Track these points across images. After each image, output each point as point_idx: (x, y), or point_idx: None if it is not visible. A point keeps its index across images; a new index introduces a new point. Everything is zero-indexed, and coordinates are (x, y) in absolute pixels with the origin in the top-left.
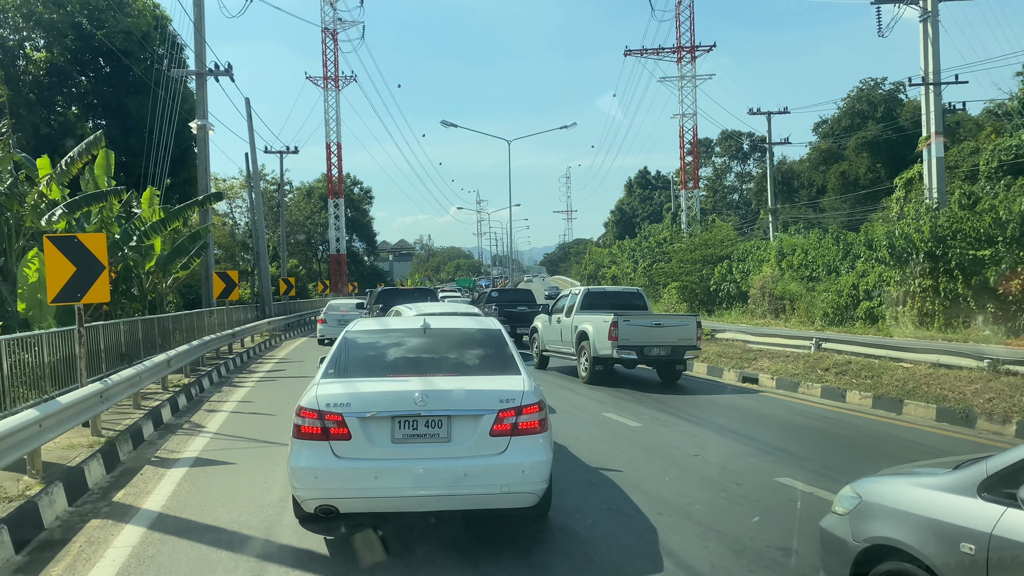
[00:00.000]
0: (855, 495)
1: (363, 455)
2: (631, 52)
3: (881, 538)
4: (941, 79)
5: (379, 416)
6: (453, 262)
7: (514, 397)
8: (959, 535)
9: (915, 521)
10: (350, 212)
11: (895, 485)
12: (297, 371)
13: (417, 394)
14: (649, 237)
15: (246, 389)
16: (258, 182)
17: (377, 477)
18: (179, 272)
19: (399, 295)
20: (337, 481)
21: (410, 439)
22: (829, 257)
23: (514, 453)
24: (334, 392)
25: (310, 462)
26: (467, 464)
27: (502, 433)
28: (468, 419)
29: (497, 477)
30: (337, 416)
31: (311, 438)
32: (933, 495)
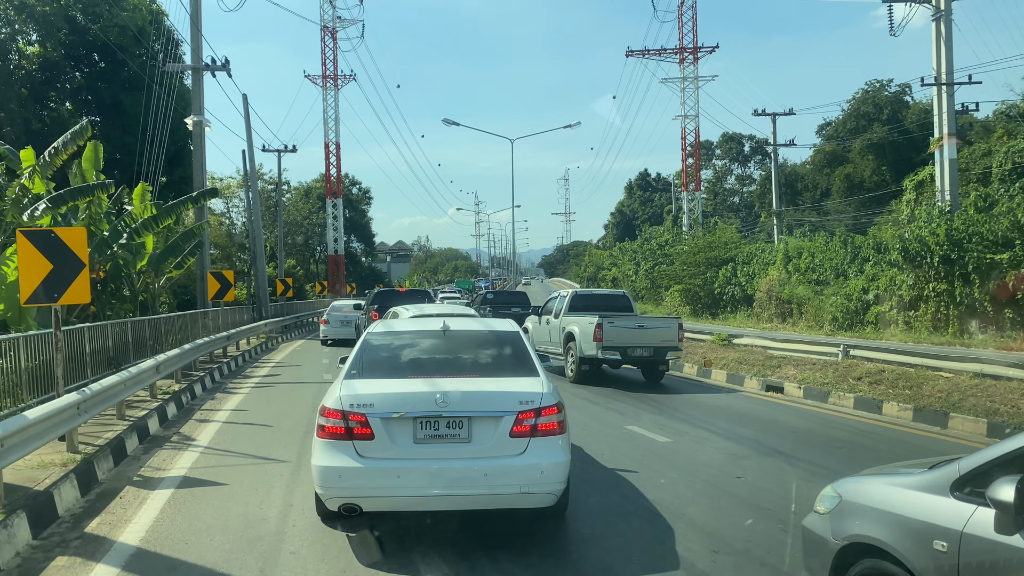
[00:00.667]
0: (836, 495)
1: (386, 455)
2: (633, 53)
3: (859, 536)
4: (954, 79)
5: (402, 417)
6: (451, 263)
7: (533, 399)
8: (932, 533)
9: (891, 520)
10: (348, 212)
11: (873, 484)
12: (295, 376)
13: (438, 395)
14: (651, 239)
15: (241, 396)
16: (255, 180)
17: (400, 476)
18: (172, 272)
19: (396, 296)
20: (361, 480)
21: (432, 439)
22: (837, 260)
23: (533, 454)
24: (358, 393)
25: (334, 461)
26: (487, 464)
27: (521, 434)
28: (488, 420)
29: (516, 477)
30: (361, 416)
31: (335, 438)
32: (909, 494)
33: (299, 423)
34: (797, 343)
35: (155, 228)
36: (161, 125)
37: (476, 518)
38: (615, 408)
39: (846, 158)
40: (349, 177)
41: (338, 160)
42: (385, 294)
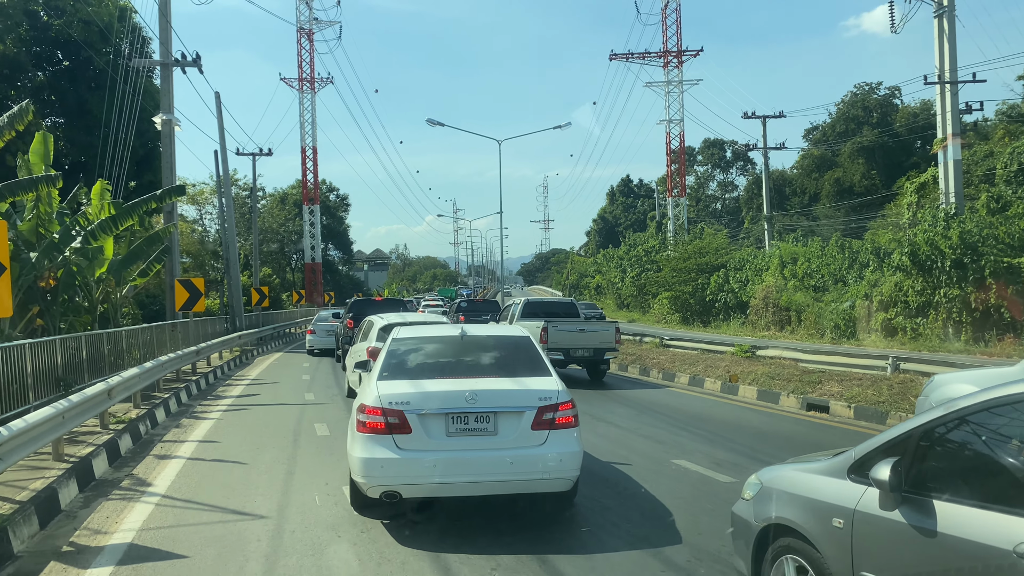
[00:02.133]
0: (758, 482)
1: (423, 447)
2: (617, 56)
3: (775, 518)
4: (958, 77)
5: (435, 413)
6: (429, 272)
7: (551, 396)
8: (832, 512)
9: (800, 502)
10: (326, 219)
11: (787, 471)
12: (272, 396)
13: (468, 393)
14: (637, 246)
15: (210, 422)
16: (228, 181)
17: (435, 466)
18: (136, 280)
19: (372, 306)
20: (401, 470)
21: (462, 432)
22: (835, 266)
23: (552, 444)
24: (394, 392)
25: (376, 453)
26: (512, 454)
27: (541, 427)
28: (512, 415)
29: (538, 465)
30: (399, 413)
31: (375, 432)
32: (814, 478)
33: (279, 458)
34: (834, 355)
35: (114, 230)
36: (128, 125)
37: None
38: (624, 426)
39: (835, 162)
40: (326, 183)
41: (315, 165)
42: (362, 303)
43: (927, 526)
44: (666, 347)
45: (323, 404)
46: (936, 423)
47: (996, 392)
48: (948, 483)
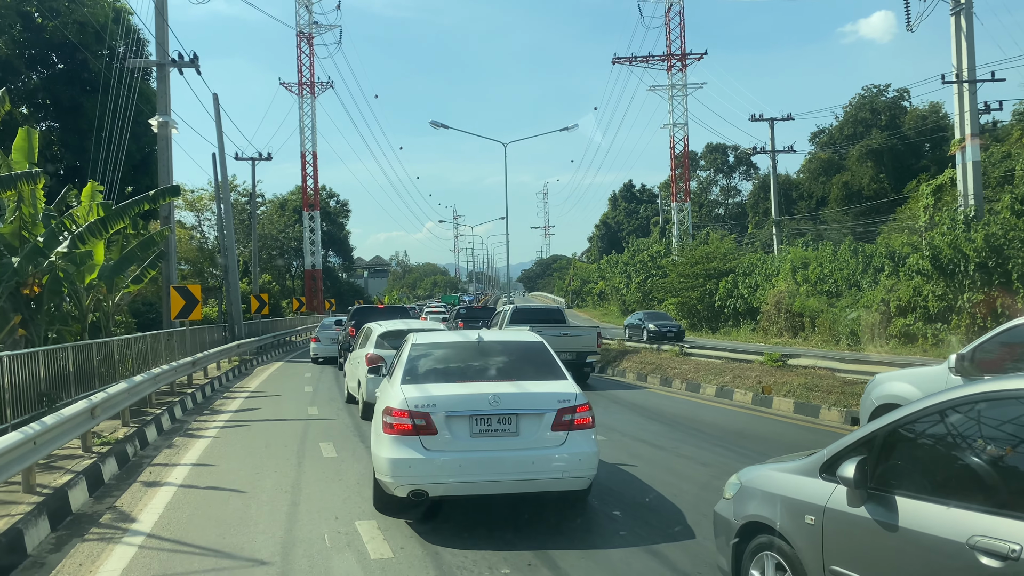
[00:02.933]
0: (738, 482)
1: (449, 448)
2: (620, 60)
3: (752, 516)
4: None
5: (460, 414)
6: (430, 278)
7: (569, 398)
8: (804, 509)
9: (775, 500)
10: (326, 226)
11: (764, 471)
12: (274, 410)
13: (491, 396)
14: (642, 251)
15: (206, 441)
16: (227, 185)
17: (461, 465)
18: (130, 287)
19: (374, 313)
20: (429, 470)
21: (485, 434)
22: (848, 271)
23: (571, 445)
24: (420, 395)
25: (403, 454)
26: (534, 454)
27: (561, 428)
28: (533, 416)
29: (559, 465)
30: (425, 415)
31: (403, 433)
32: (789, 477)
33: (282, 485)
34: (871, 364)
35: (104, 233)
36: (123, 128)
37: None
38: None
39: (842, 166)
40: (326, 189)
41: (315, 171)
42: (364, 311)
43: (889, 521)
44: (687, 355)
45: (328, 419)
46: (899, 423)
47: (954, 393)
48: (909, 480)
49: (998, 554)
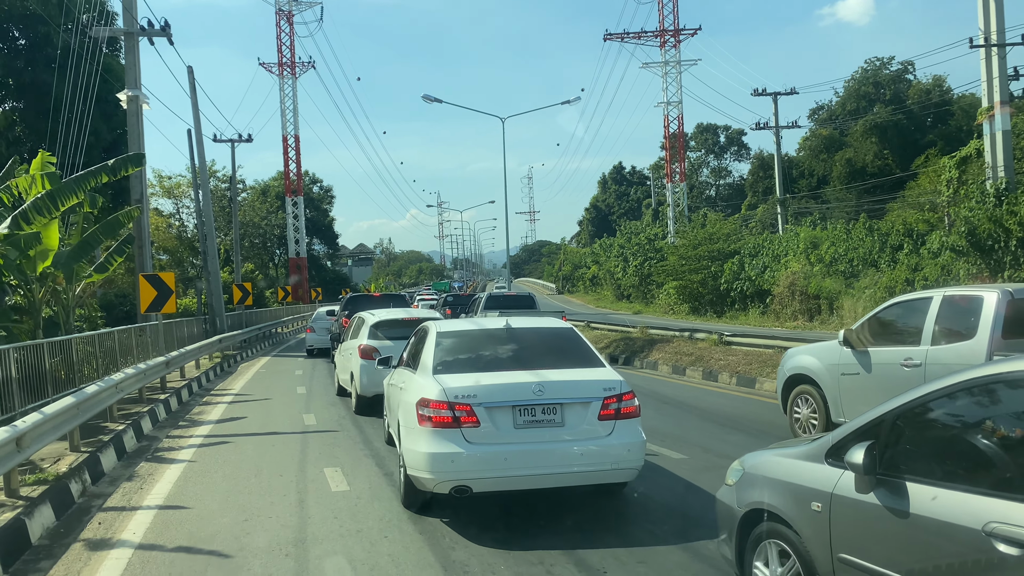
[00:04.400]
0: (740, 468)
1: (492, 440)
2: (611, 36)
3: (756, 503)
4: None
5: (503, 405)
6: (415, 266)
7: (615, 386)
8: (810, 496)
9: (780, 486)
10: (309, 212)
11: (768, 456)
12: (263, 419)
13: (534, 385)
14: (638, 234)
15: (179, 468)
16: (204, 164)
17: (507, 459)
18: (93, 276)
19: (369, 302)
20: (472, 464)
21: (529, 425)
22: (864, 250)
23: (619, 435)
24: (459, 385)
25: (444, 448)
26: (581, 446)
27: (608, 417)
28: (578, 406)
29: (607, 456)
30: (466, 406)
31: (442, 426)
32: (794, 463)
33: (282, 541)
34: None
35: (53, 211)
36: (88, 105)
37: None
38: None
39: (844, 142)
40: (309, 175)
41: (298, 155)
42: (357, 299)
43: (900, 507)
44: (727, 344)
45: (330, 432)
46: (909, 406)
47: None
48: (921, 465)
49: (1016, 541)
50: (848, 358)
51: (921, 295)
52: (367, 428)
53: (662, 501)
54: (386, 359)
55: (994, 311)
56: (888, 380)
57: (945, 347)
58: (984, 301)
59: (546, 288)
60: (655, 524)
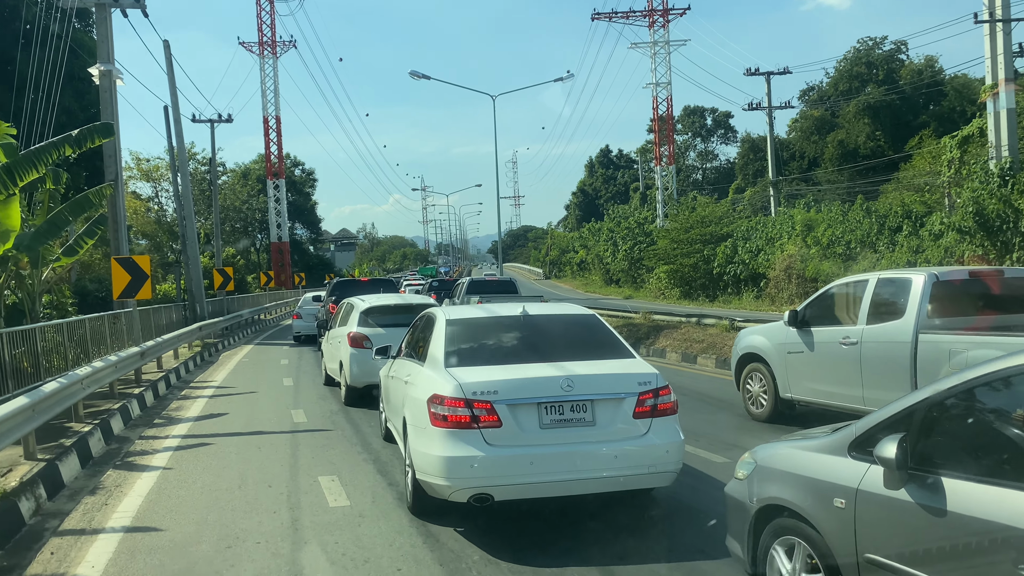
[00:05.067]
0: (752, 461)
1: (516, 442)
2: (599, 16)
3: (772, 498)
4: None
5: (527, 402)
6: (399, 251)
7: (651, 380)
8: (833, 491)
9: (798, 481)
10: (291, 196)
11: (783, 449)
12: (247, 416)
13: (562, 379)
14: (627, 218)
15: (151, 477)
16: (182, 141)
17: (532, 463)
18: (62, 260)
19: (357, 287)
20: (494, 469)
21: (557, 424)
22: (861, 232)
23: (656, 434)
24: (477, 380)
25: (462, 451)
26: (615, 447)
27: (643, 415)
28: (611, 402)
29: (644, 458)
30: (486, 404)
31: (460, 427)
32: (812, 456)
33: (273, 574)
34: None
35: (10, 186)
36: (58, 79)
37: None
38: None
39: (835, 123)
40: (291, 157)
41: (279, 136)
42: (344, 284)
43: (936, 504)
44: (739, 330)
45: (322, 431)
46: (945, 395)
47: (1009, 361)
48: (957, 459)
49: None
50: (794, 337)
51: (859, 278)
52: (362, 425)
53: (706, 510)
54: (384, 348)
55: (921, 292)
56: (829, 357)
57: (878, 326)
58: (913, 283)
59: (533, 273)
60: (703, 538)
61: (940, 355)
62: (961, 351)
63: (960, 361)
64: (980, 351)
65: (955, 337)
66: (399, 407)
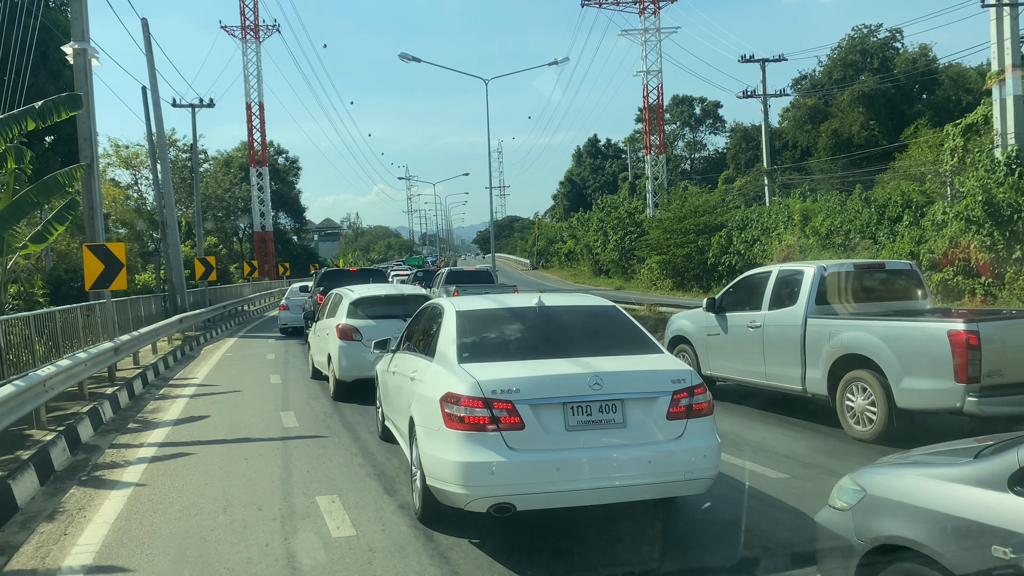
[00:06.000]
0: (858, 488)
1: (540, 446)
2: (589, 2)
3: (893, 538)
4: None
5: (552, 402)
6: (383, 241)
7: (685, 377)
8: (990, 536)
9: (933, 518)
10: (275, 184)
11: (906, 477)
12: (231, 419)
13: (589, 376)
14: (618, 207)
15: (121, 496)
16: (161, 124)
17: (559, 469)
18: (30, 247)
19: (346, 277)
20: (517, 476)
21: (585, 426)
22: (860, 222)
23: (692, 437)
24: (496, 377)
25: (481, 456)
26: (648, 451)
27: (678, 416)
28: (642, 402)
29: (680, 463)
30: (507, 404)
31: (477, 429)
32: (954, 488)
33: None
34: None
35: None
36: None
37: None
38: None
39: (829, 112)
40: (274, 145)
41: (262, 123)
42: (332, 274)
43: None
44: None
45: (316, 438)
46: None
47: None
48: None
49: None
50: (712, 321)
51: (765, 270)
52: (360, 430)
53: (774, 536)
54: (383, 341)
55: (810, 283)
56: (739, 339)
57: (777, 311)
58: (805, 274)
59: (520, 263)
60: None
61: (822, 336)
62: (837, 333)
63: (837, 342)
64: (850, 333)
65: (833, 321)
66: (403, 406)
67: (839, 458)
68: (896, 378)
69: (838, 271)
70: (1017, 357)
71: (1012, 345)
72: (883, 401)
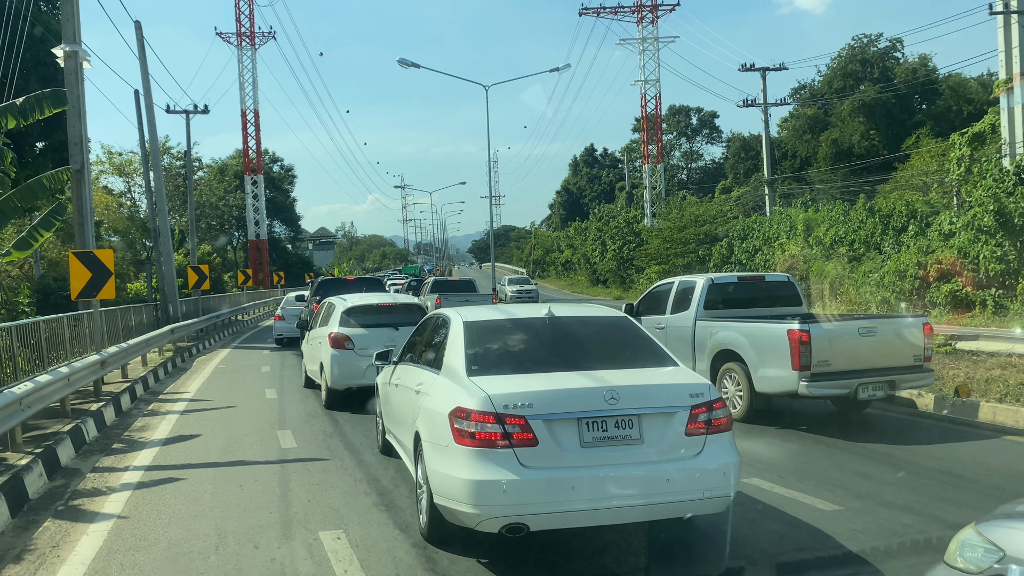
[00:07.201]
0: (991, 546)
1: (554, 463)
2: (587, 11)
3: None
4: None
5: (566, 417)
6: (378, 250)
7: (703, 391)
8: None
9: None
10: (270, 192)
11: None
12: (224, 440)
13: (605, 390)
14: (616, 217)
15: (101, 529)
16: (154, 130)
17: (574, 488)
18: (13, 255)
19: (343, 286)
20: (530, 495)
21: (600, 443)
22: (864, 232)
23: (711, 454)
24: (508, 392)
25: (493, 474)
26: (667, 468)
27: (697, 432)
28: (659, 417)
29: (700, 481)
30: (520, 419)
31: (489, 446)
32: None
33: None
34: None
35: None
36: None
37: None
38: None
39: (828, 122)
40: (270, 153)
41: (257, 130)
42: (329, 283)
43: None
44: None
45: (317, 461)
46: None
47: None
48: None
49: None
50: None
51: (669, 281)
52: (363, 450)
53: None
54: (385, 353)
55: (701, 291)
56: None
57: (676, 315)
58: (696, 284)
59: (516, 273)
60: None
61: (706, 335)
62: (715, 332)
63: (715, 340)
64: (723, 332)
65: (714, 323)
66: (407, 420)
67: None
68: (755, 368)
69: (724, 282)
70: (841, 351)
71: (837, 342)
72: (747, 387)
